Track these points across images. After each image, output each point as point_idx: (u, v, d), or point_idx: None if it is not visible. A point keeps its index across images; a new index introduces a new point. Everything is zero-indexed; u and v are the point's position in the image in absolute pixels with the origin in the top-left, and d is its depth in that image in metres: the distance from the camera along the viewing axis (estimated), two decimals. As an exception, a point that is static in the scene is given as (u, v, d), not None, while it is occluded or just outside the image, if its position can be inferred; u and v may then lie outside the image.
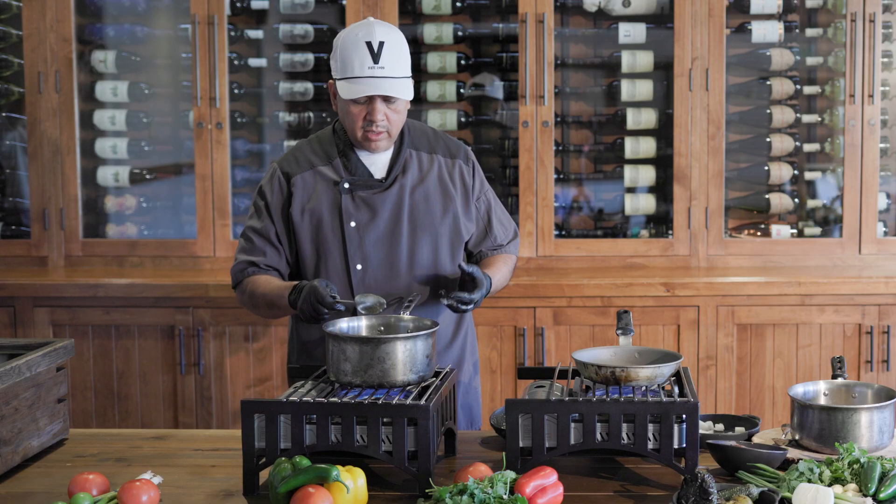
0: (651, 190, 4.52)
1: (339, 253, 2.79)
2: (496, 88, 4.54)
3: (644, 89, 4.46)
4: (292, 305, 2.66)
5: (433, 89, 4.45)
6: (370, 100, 2.71)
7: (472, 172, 2.94)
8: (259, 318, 4.09)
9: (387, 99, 2.72)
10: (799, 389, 2.51)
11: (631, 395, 2.31)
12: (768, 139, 4.48)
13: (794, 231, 4.49)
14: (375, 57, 2.69)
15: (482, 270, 2.81)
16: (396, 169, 2.83)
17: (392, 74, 2.70)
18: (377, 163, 2.83)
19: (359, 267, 2.79)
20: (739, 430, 2.55)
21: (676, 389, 2.35)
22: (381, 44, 2.70)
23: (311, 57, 4.50)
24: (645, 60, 4.44)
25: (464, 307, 2.69)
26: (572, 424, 2.24)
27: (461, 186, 2.90)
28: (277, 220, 2.84)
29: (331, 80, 2.80)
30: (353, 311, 2.61)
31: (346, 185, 2.80)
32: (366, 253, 2.79)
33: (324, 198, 2.81)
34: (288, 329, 2.99)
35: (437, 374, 2.49)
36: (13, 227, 4.66)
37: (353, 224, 2.79)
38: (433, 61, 4.46)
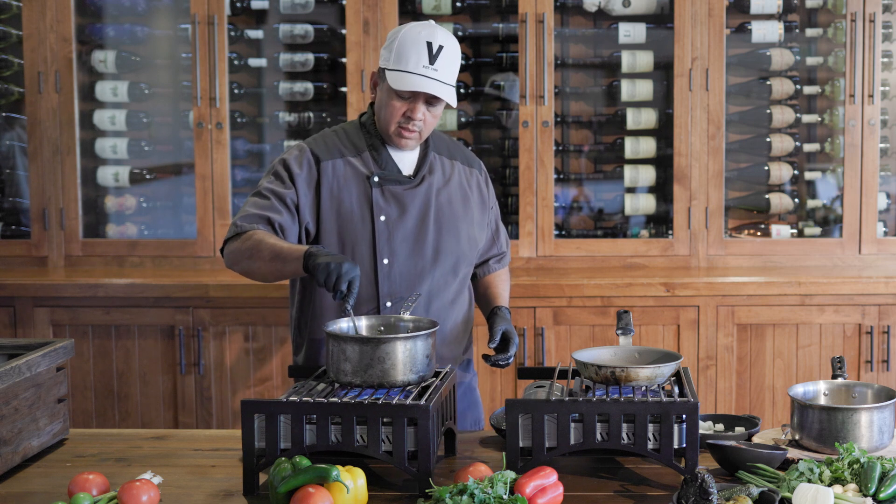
0: (651, 190, 4.53)
1: (367, 246, 2.79)
2: (515, 90, 4.52)
3: (644, 89, 4.46)
4: (311, 258, 2.51)
5: (433, 89, 4.45)
6: (414, 98, 2.73)
7: (486, 182, 3.02)
8: (258, 319, 4.09)
9: (429, 101, 2.74)
10: (799, 389, 2.51)
11: (631, 395, 2.31)
12: (768, 139, 4.48)
13: (794, 231, 4.49)
14: (432, 58, 2.71)
15: (496, 302, 2.94)
16: (424, 168, 2.86)
17: (443, 79, 2.72)
18: (405, 160, 2.85)
19: (385, 261, 2.79)
20: (739, 430, 2.55)
21: (676, 389, 2.35)
22: (441, 48, 2.72)
23: (311, 57, 4.50)
24: (645, 60, 4.44)
25: (504, 364, 2.80)
26: (572, 424, 2.24)
27: (478, 195, 2.97)
28: (303, 193, 2.78)
29: (374, 71, 2.81)
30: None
31: (377, 179, 2.81)
32: (394, 248, 2.79)
33: (353, 189, 2.80)
34: (290, 328, 2.98)
35: (437, 374, 2.49)
36: (13, 227, 4.66)
37: (382, 218, 2.79)
38: (433, 61, 4.46)
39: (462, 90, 4.49)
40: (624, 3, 4.42)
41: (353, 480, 2.12)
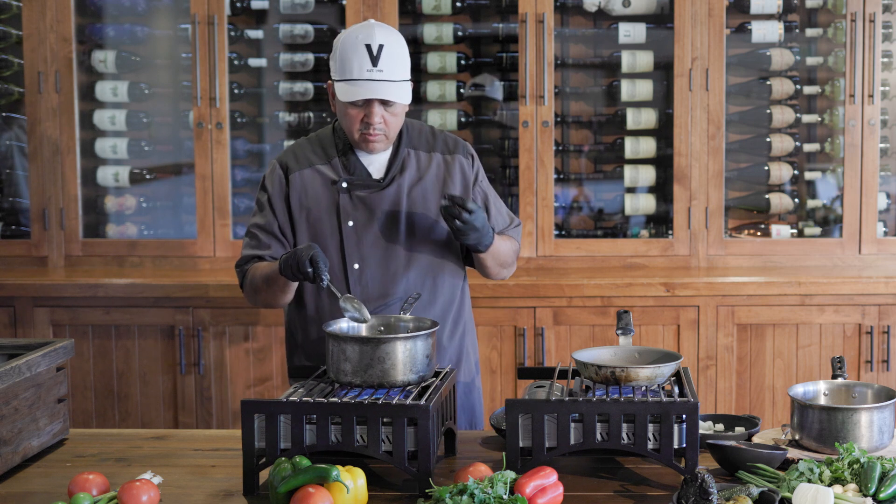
0: (651, 190, 4.52)
1: (336, 252, 2.80)
2: (496, 89, 4.54)
3: (644, 89, 4.46)
4: (280, 266, 2.65)
5: (433, 89, 4.45)
6: (367, 103, 2.72)
7: (472, 164, 2.94)
8: (258, 319, 4.09)
9: (384, 102, 2.72)
10: (799, 389, 2.51)
11: (631, 395, 2.31)
12: (768, 139, 4.48)
13: (794, 231, 4.49)
14: (374, 60, 2.69)
15: None
16: (394, 169, 2.83)
17: (390, 78, 2.70)
18: (375, 163, 2.84)
19: (356, 266, 2.79)
20: (739, 430, 2.55)
21: (676, 389, 2.35)
22: (381, 47, 2.69)
23: (311, 57, 4.50)
24: (645, 60, 4.44)
25: (458, 211, 2.64)
26: (572, 424, 2.24)
27: (461, 180, 2.90)
28: (280, 213, 2.84)
29: (329, 81, 2.80)
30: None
31: (344, 185, 2.81)
32: (363, 252, 2.79)
33: (321, 196, 2.82)
34: (285, 331, 2.98)
35: (437, 374, 2.49)
36: (13, 227, 4.66)
37: (350, 223, 2.79)
38: (433, 61, 4.46)
39: (462, 90, 4.49)
40: (624, 3, 4.42)
41: (353, 480, 2.12)
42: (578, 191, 4.65)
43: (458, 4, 4.44)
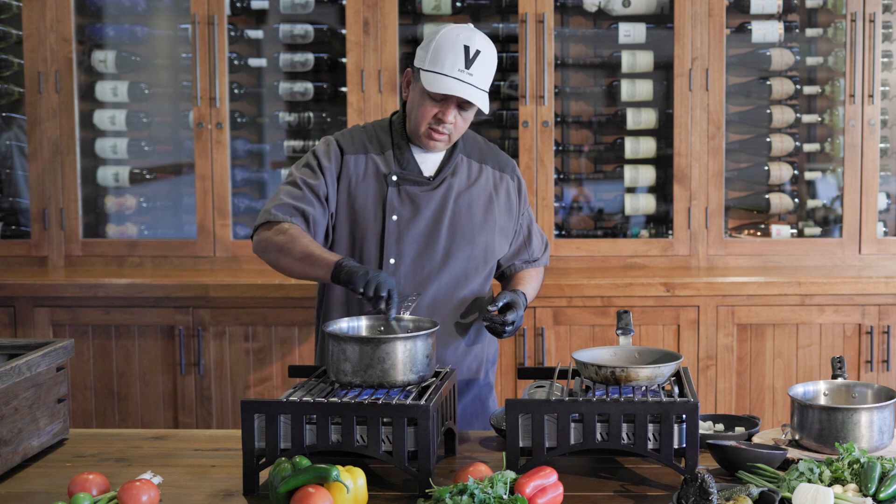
0: (651, 190, 4.53)
1: (375, 244, 2.79)
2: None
3: (644, 89, 4.46)
4: (342, 269, 2.53)
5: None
6: (446, 100, 2.72)
7: (517, 188, 2.98)
8: (258, 319, 4.09)
9: (461, 105, 2.73)
10: (799, 389, 2.51)
11: (631, 395, 2.31)
12: (768, 139, 4.48)
13: (794, 231, 4.49)
14: (468, 62, 2.70)
15: (514, 287, 2.89)
16: (446, 170, 2.84)
17: (477, 84, 2.71)
18: (428, 161, 2.84)
19: (392, 261, 2.78)
20: (739, 430, 2.55)
21: (676, 389, 2.36)
22: (478, 52, 2.71)
23: (311, 57, 4.50)
24: (645, 60, 4.44)
25: (501, 328, 2.74)
26: (572, 424, 2.24)
27: (505, 201, 2.93)
28: (331, 185, 2.80)
29: (409, 69, 2.79)
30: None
31: (395, 178, 2.80)
32: (402, 249, 2.79)
33: (370, 186, 2.80)
34: (315, 328, 2.98)
35: (437, 374, 2.49)
36: (13, 227, 4.66)
37: (394, 218, 2.79)
38: (433, 61, 4.46)
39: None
40: (624, 3, 4.42)
41: (353, 480, 2.12)
42: (578, 191, 4.65)
43: (458, 4, 4.44)
